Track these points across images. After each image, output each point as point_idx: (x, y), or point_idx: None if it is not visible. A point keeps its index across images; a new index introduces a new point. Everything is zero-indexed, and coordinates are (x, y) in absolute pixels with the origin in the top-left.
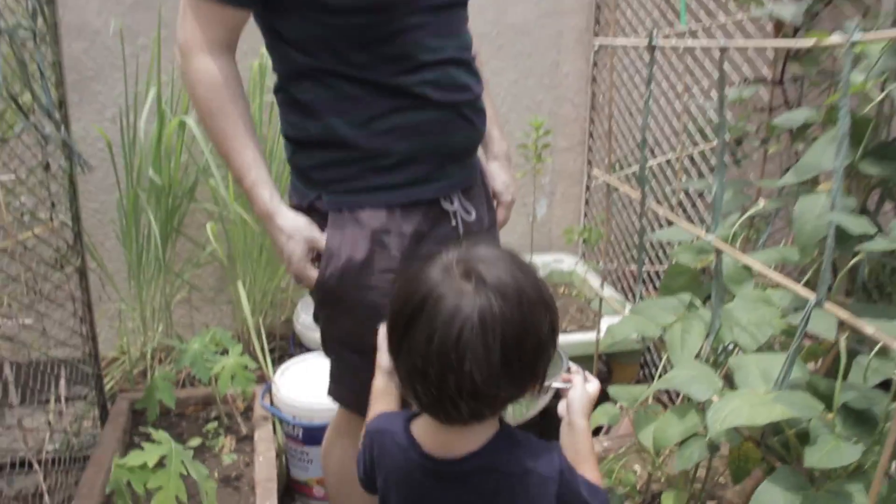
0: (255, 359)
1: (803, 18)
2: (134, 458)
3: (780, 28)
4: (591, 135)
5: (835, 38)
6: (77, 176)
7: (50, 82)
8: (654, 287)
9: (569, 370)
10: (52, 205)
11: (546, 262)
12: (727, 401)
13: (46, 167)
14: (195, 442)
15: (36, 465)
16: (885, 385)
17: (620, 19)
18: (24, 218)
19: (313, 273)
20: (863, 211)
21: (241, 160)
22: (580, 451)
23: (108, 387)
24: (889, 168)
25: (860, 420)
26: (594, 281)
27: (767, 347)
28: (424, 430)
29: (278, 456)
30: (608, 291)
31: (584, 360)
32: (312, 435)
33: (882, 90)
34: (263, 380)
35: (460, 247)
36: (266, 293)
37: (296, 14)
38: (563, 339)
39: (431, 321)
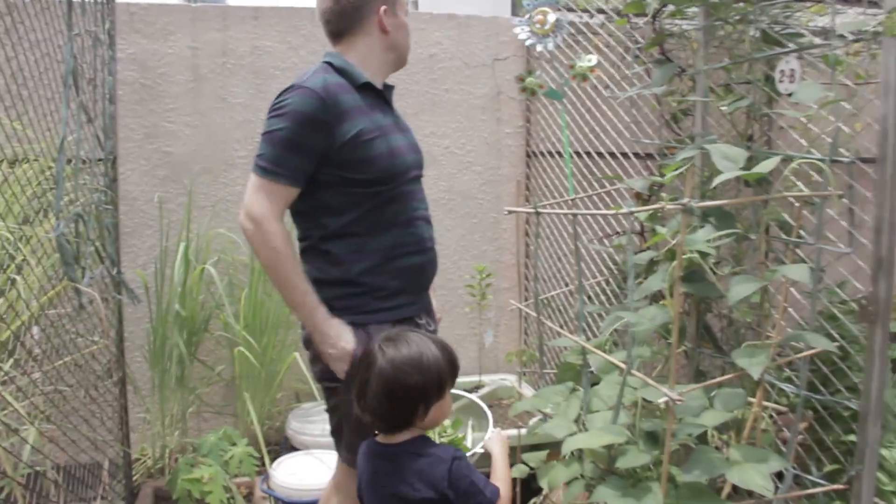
0: (260, 452)
1: (651, 189)
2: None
3: (639, 196)
4: (526, 277)
5: (622, 211)
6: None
7: (112, 238)
8: None
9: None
10: (102, 329)
11: (494, 380)
12: (576, 435)
13: (104, 300)
14: None
15: None
16: None
17: (548, 182)
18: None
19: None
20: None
21: (304, 290)
22: (495, 469)
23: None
24: (694, 287)
25: (655, 440)
26: (528, 391)
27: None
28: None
29: None
30: None
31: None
32: None
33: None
34: (262, 472)
35: (397, 330)
36: (264, 406)
37: (333, 187)
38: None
39: (362, 370)
